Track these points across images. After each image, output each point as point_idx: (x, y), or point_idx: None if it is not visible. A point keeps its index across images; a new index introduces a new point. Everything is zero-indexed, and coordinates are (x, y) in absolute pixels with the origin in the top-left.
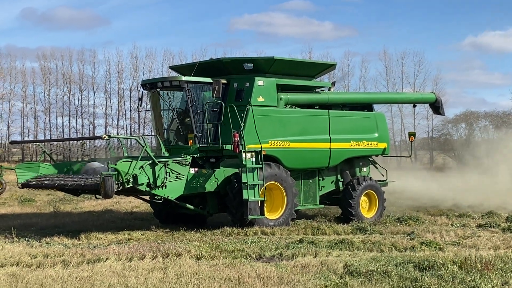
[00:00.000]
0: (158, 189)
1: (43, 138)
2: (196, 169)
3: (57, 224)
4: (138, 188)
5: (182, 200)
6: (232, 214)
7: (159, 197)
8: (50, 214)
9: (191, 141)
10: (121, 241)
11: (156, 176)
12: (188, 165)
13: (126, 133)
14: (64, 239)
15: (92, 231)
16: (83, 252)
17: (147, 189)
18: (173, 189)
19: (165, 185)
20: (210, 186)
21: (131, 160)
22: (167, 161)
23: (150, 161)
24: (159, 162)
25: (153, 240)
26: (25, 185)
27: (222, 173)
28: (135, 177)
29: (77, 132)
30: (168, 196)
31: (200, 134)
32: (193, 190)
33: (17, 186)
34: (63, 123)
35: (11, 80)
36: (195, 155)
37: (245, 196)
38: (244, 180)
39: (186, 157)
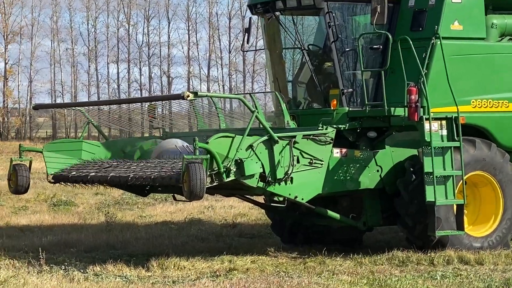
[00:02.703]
0: (279, 184)
1: (85, 100)
2: (344, 150)
3: (111, 243)
4: (245, 183)
5: (320, 203)
6: (406, 228)
7: (281, 199)
8: (99, 226)
9: (334, 102)
10: (217, 273)
11: (276, 162)
12: (331, 143)
13: (223, 90)
14: (123, 268)
15: (169, 255)
16: None
17: (260, 184)
18: (305, 185)
19: (291, 178)
20: (369, 180)
21: (233, 135)
22: (294, 137)
23: (266, 137)
24: (279, 138)
25: (271, 272)
26: (58, 179)
27: (389, 156)
28: (239, 164)
29: (141, 89)
30: (296, 197)
31: (351, 90)
32: (339, 187)
33: (46, 179)
34: (118, 73)
35: (34, 3)
36: (342, 126)
37: (429, 198)
38: (427, 169)
39: (326, 129)
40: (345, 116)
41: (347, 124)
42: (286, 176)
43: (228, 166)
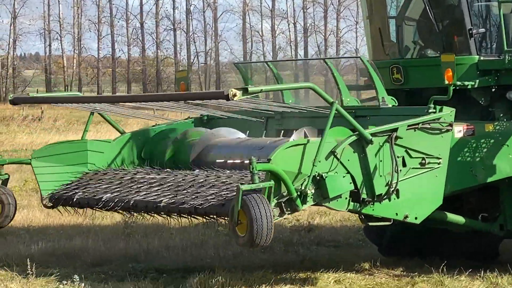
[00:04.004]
0: (380, 202)
1: (89, 95)
2: (469, 126)
3: (131, 254)
4: (330, 207)
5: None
6: None
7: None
8: (114, 229)
9: (449, 72)
10: None
11: (372, 170)
12: (449, 130)
13: (294, 32)
14: None
15: (214, 271)
16: None
17: (352, 205)
18: (417, 197)
19: (396, 191)
20: (509, 164)
21: (305, 141)
22: (395, 130)
23: (354, 137)
24: (373, 135)
25: None
26: (57, 201)
27: None
28: (319, 182)
29: (174, 29)
30: (406, 218)
31: (483, 30)
32: (465, 182)
33: (40, 200)
34: (141, 5)
35: None
36: (469, 84)
37: None
38: None
39: (440, 110)
40: (474, 69)
41: (477, 81)
42: (388, 189)
43: (303, 188)
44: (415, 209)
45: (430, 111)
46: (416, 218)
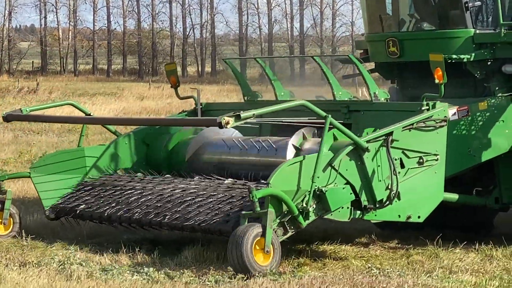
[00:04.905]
0: (382, 207)
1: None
2: (463, 107)
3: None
4: (333, 219)
5: None
6: None
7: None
8: None
9: (439, 72)
10: (281, 270)
11: (370, 176)
12: (444, 126)
13: (290, 27)
14: (144, 261)
15: (207, 240)
16: None
17: (355, 214)
18: (419, 196)
19: (398, 194)
20: (506, 139)
21: (301, 158)
22: (390, 134)
23: (350, 146)
24: (369, 141)
25: (360, 269)
26: (60, 212)
27: None
28: (320, 197)
29: None
30: (409, 218)
31: (478, 3)
32: (464, 164)
33: (44, 212)
34: None
35: None
36: (465, 57)
37: None
38: None
39: (433, 107)
40: (470, 42)
41: (473, 54)
42: (389, 194)
43: (304, 205)
44: (417, 208)
45: (423, 108)
46: (419, 217)
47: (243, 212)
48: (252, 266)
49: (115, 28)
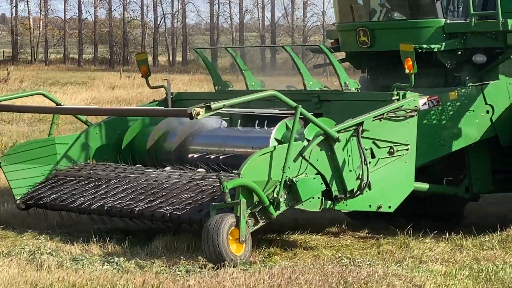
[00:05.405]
0: (353, 197)
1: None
2: (434, 96)
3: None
4: (304, 210)
5: None
6: None
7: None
8: None
9: (409, 62)
10: (251, 260)
11: (341, 166)
12: (414, 116)
13: (262, 16)
14: (115, 251)
15: (176, 230)
16: None
17: (326, 204)
18: (389, 186)
19: (368, 184)
20: (476, 129)
21: (271, 149)
22: (361, 124)
23: (320, 137)
24: (339, 131)
25: (330, 259)
26: (31, 202)
27: (505, 91)
28: (291, 187)
29: None
30: (379, 208)
31: None
32: (435, 153)
33: (14, 202)
34: None
35: None
36: (435, 46)
37: None
38: None
39: (403, 96)
40: (441, 32)
41: (443, 44)
42: (360, 184)
43: (275, 195)
44: (388, 198)
45: (393, 98)
46: (389, 207)
47: (213, 203)
48: (228, 256)
49: (86, 18)
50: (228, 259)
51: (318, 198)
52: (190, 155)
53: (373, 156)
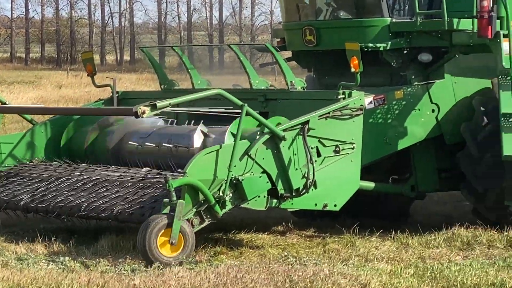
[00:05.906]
0: (298, 196)
1: None
2: (380, 95)
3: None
4: (250, 208)
5: None
6: (474, 195)
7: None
8: None
9: (355, 60)
10: (197, 259)
11: (287, 165)
12: (360, 114)
13: (210, 16)
14: (61, 250)
15: (122, 230)
16: None
17: (272, 203)
18: (335, 185)
19: (314, 182)
20: (422, 127)
21: (217, 147)
22: (307, 122)
23: (266, 135)
24: (285, 130)
25: (276, 258)
26: None
27: (450, 90)
28: (236, 186)
29: None
30: (325, 207)
31: None
32: (381, 152)
33: None
34: None
35: None
36: (381, 46)
37: (507, 151)
38: (505, 109)
39: (349, 95)
40: (386, 31)
41: (389, 43)
42: (306, 182)
43: (221, 194)
44: (333, 196)
45: (339, 97)
46: (335, 205)
47: (165, 200)
48: (155, 257)
49: (33, 16)
50: (156, 260)
51: (264, 196)
52: (127, 153)
53: (319, 154)
